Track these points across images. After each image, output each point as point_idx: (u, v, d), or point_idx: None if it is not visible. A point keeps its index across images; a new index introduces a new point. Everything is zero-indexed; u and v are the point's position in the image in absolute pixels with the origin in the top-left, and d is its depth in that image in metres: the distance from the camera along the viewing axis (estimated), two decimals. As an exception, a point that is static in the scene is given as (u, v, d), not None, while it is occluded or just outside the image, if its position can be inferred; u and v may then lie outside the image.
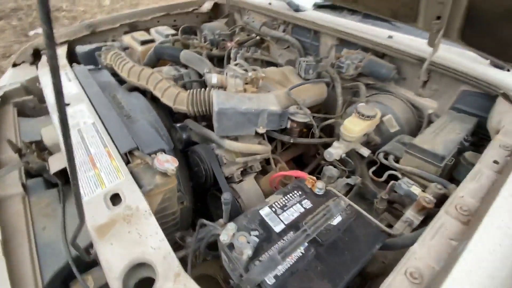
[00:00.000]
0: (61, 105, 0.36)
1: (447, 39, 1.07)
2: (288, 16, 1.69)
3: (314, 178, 0.83)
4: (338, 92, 1.37)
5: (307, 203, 0.78)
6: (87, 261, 0.63)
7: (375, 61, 1.32)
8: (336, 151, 1.10)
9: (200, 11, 2.28)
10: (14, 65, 1.54)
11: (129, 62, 1.36)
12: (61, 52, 1.63)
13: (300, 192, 0.81)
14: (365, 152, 1.14)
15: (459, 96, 1.16)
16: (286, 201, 0.78)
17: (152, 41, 1.86)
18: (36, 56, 1.65)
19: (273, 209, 0.75)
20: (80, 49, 1.66)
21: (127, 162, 0.84)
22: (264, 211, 0.74)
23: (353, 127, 1.09)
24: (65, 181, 0.90)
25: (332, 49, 1.56)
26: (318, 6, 1.75)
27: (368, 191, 1.08)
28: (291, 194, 0.80)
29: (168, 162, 0.78)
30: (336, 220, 0.73)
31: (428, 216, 0.79)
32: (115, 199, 0.70)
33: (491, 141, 0.87)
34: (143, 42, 1.82)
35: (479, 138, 1.10)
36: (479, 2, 0.86)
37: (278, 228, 0.70)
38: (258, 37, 1.91)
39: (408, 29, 1.34)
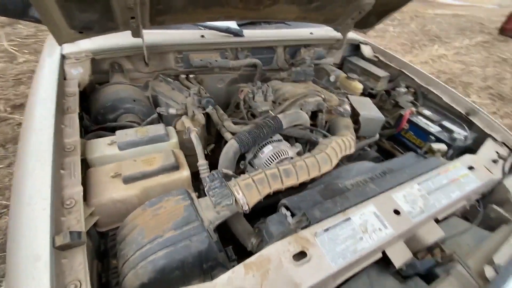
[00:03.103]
0: None
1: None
2: (242, 42, 1.73)
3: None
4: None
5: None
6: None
7: (318, 50, 2.07)
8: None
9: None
10: None
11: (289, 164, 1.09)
12: None
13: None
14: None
15: (345, 49, 2.33)
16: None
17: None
18: None
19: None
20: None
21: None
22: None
23: (360, 86, 1.97)
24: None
25: (282, 54, 1.99)
26: (241, 25, 1.83)
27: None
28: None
29: None
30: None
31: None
32: None
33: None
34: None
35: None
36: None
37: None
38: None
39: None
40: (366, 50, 2.30)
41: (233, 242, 1.07)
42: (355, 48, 2.38)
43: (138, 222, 0.88)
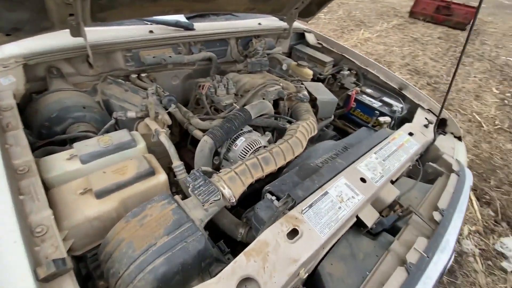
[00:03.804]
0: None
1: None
2: (194, 36, 1.67)
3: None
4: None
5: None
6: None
7: (269, 40, 2.12)
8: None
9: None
10: None
11: (265, 152, 1.14)
12: None
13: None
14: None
15: (292, 38, 2.43)
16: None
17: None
18: None
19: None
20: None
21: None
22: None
23: (310, 72, 2.11)
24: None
25: (235, 46, 1.99)
26: (189, 18, 1.74)
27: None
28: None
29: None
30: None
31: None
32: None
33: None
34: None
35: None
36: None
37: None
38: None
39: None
40: (310, 38, 2.45)
41: (219, 237, 1.09)
42: (300, 37, 2.52)
43: (124, 235, 0.83)
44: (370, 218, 1.11)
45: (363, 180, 1.13)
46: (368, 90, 2.04)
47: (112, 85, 1.48)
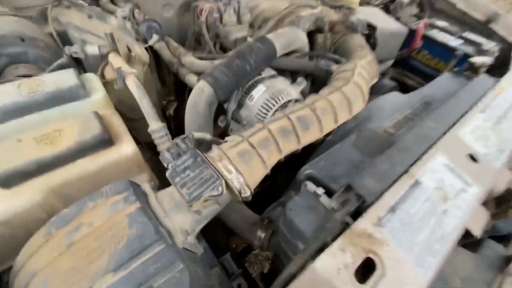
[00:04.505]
0: None
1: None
2: None
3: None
4: None
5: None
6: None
7: None
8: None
9: None
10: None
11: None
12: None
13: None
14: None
15: None
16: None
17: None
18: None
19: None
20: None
21: None
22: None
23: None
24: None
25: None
26: None
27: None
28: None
29: None
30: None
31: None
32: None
33: None
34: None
35: None
36: None
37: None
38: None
39: None
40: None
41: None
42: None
43: (37, 264, 0.43)
44: (478, 222, 0.66)
45: (473, 158, 0.65)
46: (441, 23, 1.42)
47: (71, 10, 1.00)
